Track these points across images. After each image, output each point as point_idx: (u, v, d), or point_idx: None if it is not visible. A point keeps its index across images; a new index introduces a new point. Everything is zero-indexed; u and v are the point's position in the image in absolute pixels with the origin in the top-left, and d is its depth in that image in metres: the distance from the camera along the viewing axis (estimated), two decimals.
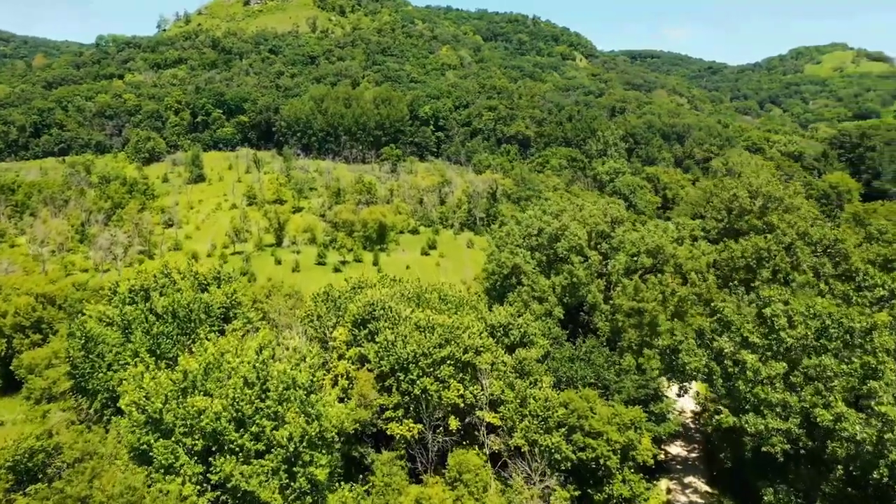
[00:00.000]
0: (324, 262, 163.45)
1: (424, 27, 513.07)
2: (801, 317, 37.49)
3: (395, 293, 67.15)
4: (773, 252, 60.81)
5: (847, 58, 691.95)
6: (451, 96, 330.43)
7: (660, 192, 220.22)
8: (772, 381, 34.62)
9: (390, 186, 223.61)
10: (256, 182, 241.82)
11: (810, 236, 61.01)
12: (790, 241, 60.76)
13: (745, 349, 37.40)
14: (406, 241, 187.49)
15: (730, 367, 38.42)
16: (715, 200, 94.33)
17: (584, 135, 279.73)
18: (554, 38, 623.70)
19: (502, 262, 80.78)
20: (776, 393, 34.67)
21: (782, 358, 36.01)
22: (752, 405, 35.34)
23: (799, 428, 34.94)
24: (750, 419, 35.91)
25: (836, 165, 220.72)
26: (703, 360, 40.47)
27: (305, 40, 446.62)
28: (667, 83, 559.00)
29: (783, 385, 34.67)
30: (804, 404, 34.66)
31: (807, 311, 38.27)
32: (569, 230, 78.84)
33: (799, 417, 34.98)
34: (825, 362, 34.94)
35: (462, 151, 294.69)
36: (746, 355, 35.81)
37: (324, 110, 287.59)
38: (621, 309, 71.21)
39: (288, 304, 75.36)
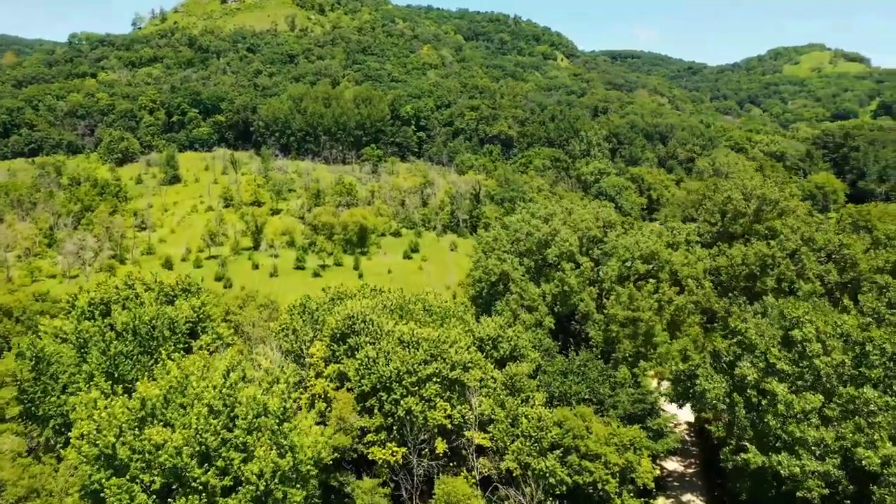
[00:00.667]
0: (303, 266, 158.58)
1: (405, 26, 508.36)
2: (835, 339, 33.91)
3: (377, 304, 62.93)
4: (778, 259, 57.49)
5: (825, 58, 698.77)
6: (432, 96, 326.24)
7: (644, 192, 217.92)
8: (806, 416, 31.06)
9: (371, 187, 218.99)
10: (233, 183, 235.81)
11: (815, 242, 57.81)
12: (794, 247, 57.54)
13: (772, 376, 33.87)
14: (388, 243, 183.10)
15: (753, 396, 34.84)
16: (708, 203, 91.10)
17: (568, 135, 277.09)
18: (535, 37, 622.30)
19: (489, 269, 76.85)
20: (812, 429, 30.99)
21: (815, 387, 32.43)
22: (785, 443, 31.64)
23: (838, 470, 31.37)
24: (784, 460, 32.04)
25: (822, 166, 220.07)
26: (723, 387, 36.85)
27: (284, 39, 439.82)
28: (648, 83, 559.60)
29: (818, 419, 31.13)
30: (844, 442, 31.09)
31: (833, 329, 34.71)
32: (559, 235, 75.13)
33: (838, 457, 31.41)
34: (867, 394, 31.34)
35: (444, 152, 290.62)
36: (775, 385, 32.24)
37: (303, 110, 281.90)
38: (615, 319, 67.58)
39: (263, 316, 70.80)
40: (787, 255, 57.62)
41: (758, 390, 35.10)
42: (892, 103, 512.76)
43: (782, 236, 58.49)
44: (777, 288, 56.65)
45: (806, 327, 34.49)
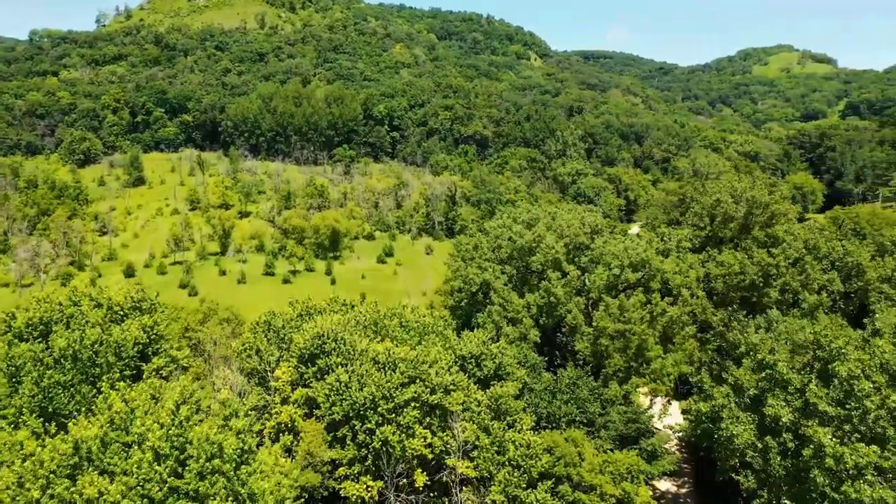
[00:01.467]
0: (272, 272, 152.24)
1: (377, 25, 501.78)
2: (878, 373, 29.74)
3: (349, 321, 57.69)
4: (782, 269, 53.63)
5: (793, 59, 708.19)
6: (405, 95, 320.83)
7: (622, 193, 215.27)
8: (860, 472, 26.93)
9: (343, 189, 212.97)
10: (200, 185, 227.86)
11: (818, 249, 54.16)
12: (797, 254, 53.83)
13: (812, 418, 29.62)
14: (361, 247, 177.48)
15: (789, 440, 30.57)
16: (696, 206, 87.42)
17: (543, 135, 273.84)
18: (508, 37, 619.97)
19: (469, 278, 72.06)
20: (867, 488, 26.72)
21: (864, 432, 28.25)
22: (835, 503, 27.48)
23: None
24: None
25: (799, 166, 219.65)
26: (752, 430, 32.55)
27: (254, 37, 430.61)
28: (621, 83, 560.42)
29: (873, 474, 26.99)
30: None
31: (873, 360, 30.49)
32: (544, 242, 70.63)
33: None
34: None
35: (418, 152, 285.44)
36: (819, 433, 27.97)
37: (272, 109, 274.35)
38: (605, 332, 63.24)
39: (225, 332, 65.09)
40: (790, 264, 53.88)
41: (794, 434, 30.84)
42: (860, 104, 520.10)
43: (785, 244, 54.67)
44: (780, 299, 52.85)
45: (850, 362, 30.24)
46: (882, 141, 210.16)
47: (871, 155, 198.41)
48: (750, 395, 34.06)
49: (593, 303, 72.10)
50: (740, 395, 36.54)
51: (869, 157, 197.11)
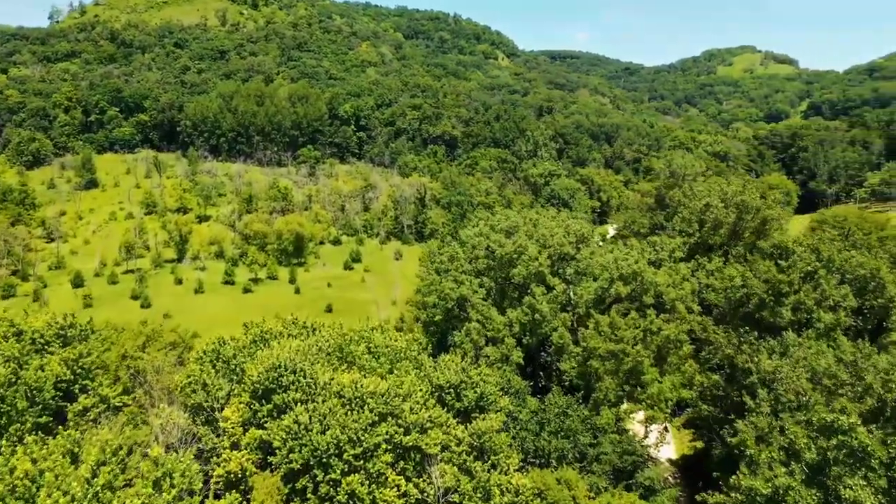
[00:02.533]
0: (232, 280, 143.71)
1: (343, 22, 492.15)
2: None
3: (310, 347, 50.73)
4: (796, 285, 48.36)
5: (756, 60, 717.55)
6: (372, 94, 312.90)
7: (594, 194, 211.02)
8: None
9: (308, 191, 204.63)
10: (157, 188, 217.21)
11: (833, 262, 49.13)
12: (811, 268, 48.72)
13: None
14: (327, 253, 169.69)
15: None
16: (684, 211, 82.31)
17: (513, 135, 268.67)
18: (476, 36, 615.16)
19: (445, 293, 65.55)
20: None
21: None
22: None
23: None
24: None
25: (773, 166, 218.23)
26: None
27: (214, 34, 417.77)
28: (588, 83, 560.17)
29: None
30: None
31: None
32: (527, 253, 64.52)
33: None
34: None
35: (386, 153, 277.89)
36: None
37: (233, 108, 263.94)
38: (596, 352, 57.40)
39: (170, 359, 57.44)
40: (801, 279, 48.73)
41: None
42: (822, 104, 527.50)
43: (795, 256, 49.45)
44: (793, 319, 47.62)
45: None
46: (852, 141, 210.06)
47: (844, 155, 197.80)
48: (811, 464, 28.43)
49: (580, 318, 66.36)
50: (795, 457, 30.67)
51: (841, 158, 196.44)
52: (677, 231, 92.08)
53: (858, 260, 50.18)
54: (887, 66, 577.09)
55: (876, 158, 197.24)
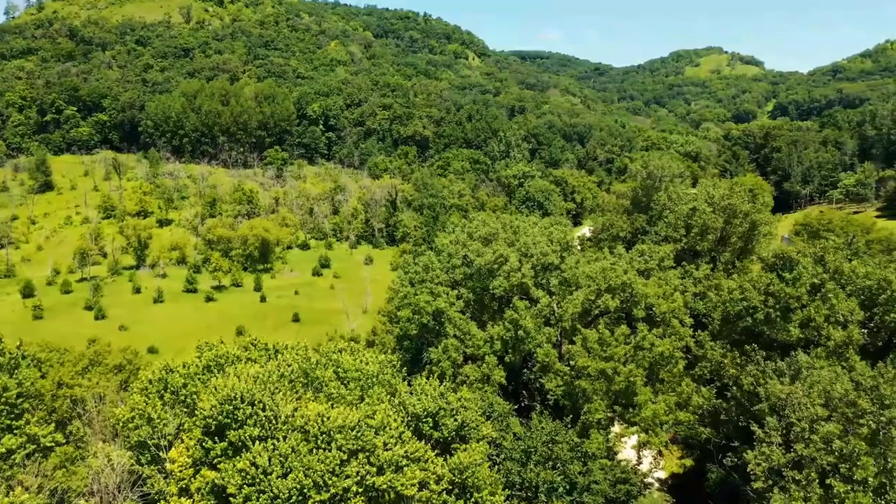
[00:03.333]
0: (194, 288, 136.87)
1: (311, 21, 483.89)
2: None
3: (272, 373, 45.40)
4: (804, 299, 44.53)
5: (723, 61, 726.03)
6: (341, 94, 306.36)
7: (569, 196, 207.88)
8: None
9: (275, 194, 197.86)
10: (116, 191, 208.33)
11: (842, 274, 45.56)
12: (817, 281, 45.03)
13: None
14: (295, 258, 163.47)
15: None
16: (670, 216, 78.55)
17: (486, 135, 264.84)
18: (446, 35, 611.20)
19: (420, 307, 60.61)
20: None
21: None
22: None
23: None
24: None
25: (747, 167, 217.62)
26: None
27: (178, 31, 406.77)
28: (559, 83, 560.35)
29: None
30: None
31: None
32: (508, 264, 59.91)
33: None
34: None
35: (356, 153, 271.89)
36: None
37: (197, 108, 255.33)
38: (585, 372, 53.04)
39: (113, 385, 51.56)
40: (808, 292, 45.00)
41: None
42: (788, 104, 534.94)
43: (801, 267, 45.73)
44: (802, 337, 43.78)
45: None
46: (825, 141, 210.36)
47: (817, 156, 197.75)
48: None
49: (565, 332, 62.04)
50: None
51: (814, 158, 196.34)
52: (662, 236, 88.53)
53: (865, 270, 46.79)
54: (850, 68, 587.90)
55: (849, 159, 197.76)
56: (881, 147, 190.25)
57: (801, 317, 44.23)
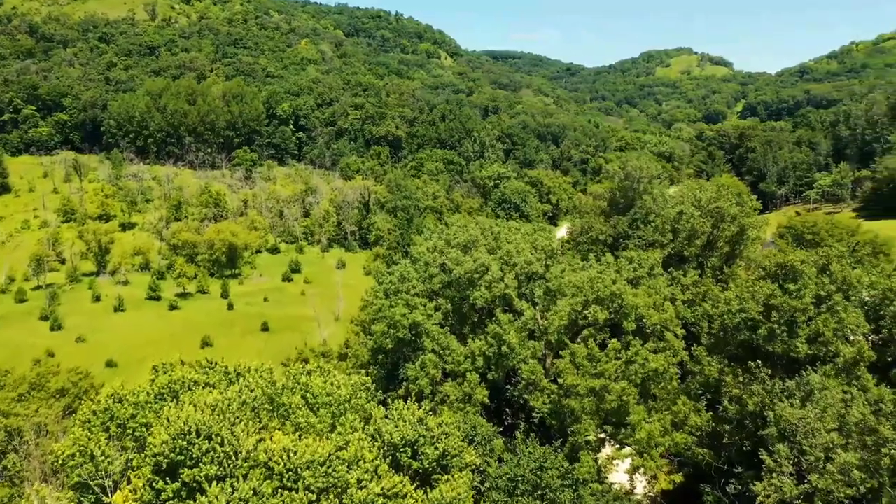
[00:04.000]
0: (157, 295, 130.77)
1: (281, 19, 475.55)
2: None
3: (233, 400, 40.91)
4: (810, 312, 41.44)
5: (693, 62, 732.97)
6: (312, 93, 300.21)
7: (544, 197, 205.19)
8: None
9: (244, 196, 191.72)
10: (77, 193, 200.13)
11: (850, 284, 42.63)
12: (823, 292, 42.05)
13: None
14: (264, 262, 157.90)
15: None
16: (656, 220, 75.51)
17: (459, 135, 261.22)
18: (418, 35, 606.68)
19: (396, 321, 56.48)
20: None
21: None
22: None
23: None
24: None
25: (723, 167, 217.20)
26: None
27: (143, 29, 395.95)
28: (532, 83, 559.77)
29: None
30: None
31: None
32: (490, 273, 56.08)
33: None
34: None
35: (327, 154, 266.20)
36: None
37: (162, 107, 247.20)
38: (574, 390, 49.44)
39: (56, 411, 46.46)
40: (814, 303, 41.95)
41: None
42: (757, 105, 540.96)
43: (806, 277, 42.68)
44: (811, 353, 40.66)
45: None
46: (798, 142, 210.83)
47: (791, 156, 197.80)
48: None
49: (550, 345, 58.42)
50: None
51: (789, 159, 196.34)
52: (646, 241, 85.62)
53: (869, 279, 44.05)
54: (816, 69, 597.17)
55: (823, 159, 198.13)
56: (855, 147, 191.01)
57: (807, 332, 41.14)
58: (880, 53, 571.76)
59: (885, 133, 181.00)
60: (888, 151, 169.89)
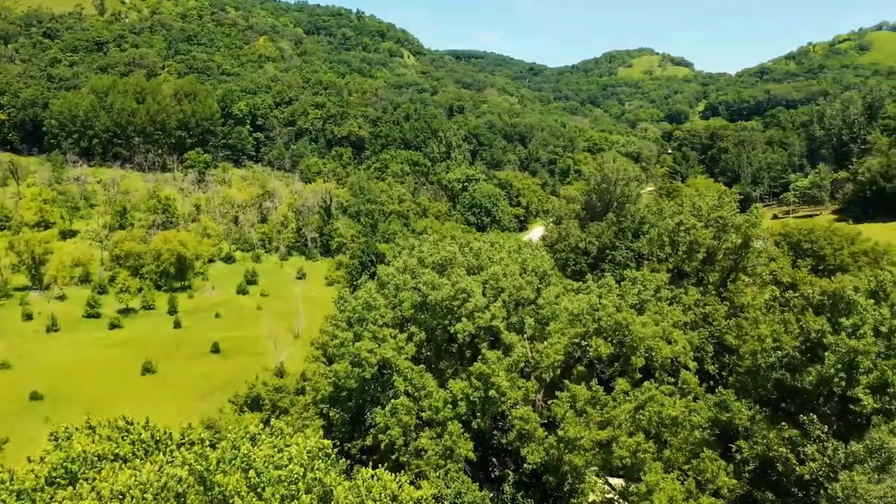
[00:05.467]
0: (97, 312, 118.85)
1: (238, 15, 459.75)
2: None
3: (149, 485, 31.59)
4: (871, 353, 33.94)
5: (654, 62, 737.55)
6: (270, 91, 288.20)
7: (514, 199, 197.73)
8: None
9: (196, 201, 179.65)
10: (12, 198, 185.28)
11: None
12: (885, 328, 34.77)
13: None
14: (217, 273, 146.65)
15: None
16: (653, 232, 68.03)
17: (425, 136, 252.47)
18: (380, 33, 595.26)
19: (361, 358, 47.49)
20: None
21: None
22: None
23: None
24: None
25: (698, 168, 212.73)
26: None
27: (91, 24, 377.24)
28: (495, 83, 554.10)
29: None
30: None
31: None
32: (472, 300, 47.44)
33: None
34: None
35: (286, 155, 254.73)
36: None
37: (109, 106, 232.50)
38: (577, 444, 41.20)
39: None
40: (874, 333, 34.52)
41: None
42: (718, 105, 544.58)
43: (861, 309, 35.28)
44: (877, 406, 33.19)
45: None
46: (770, 142, 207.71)
47: (765, 156, 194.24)
48: None
49: (542, 381, 50.15)
50: None
51: (763, 159, 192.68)
52: (635, 253, 78.03)
53: None
54: (775, 69, 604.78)
55: (798, 160, 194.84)
56: (830, 147, 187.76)
57: (869, 380, 33.65)
58: (836, 55, 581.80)
59: (862, 133, 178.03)
60: (866, 152, 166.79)
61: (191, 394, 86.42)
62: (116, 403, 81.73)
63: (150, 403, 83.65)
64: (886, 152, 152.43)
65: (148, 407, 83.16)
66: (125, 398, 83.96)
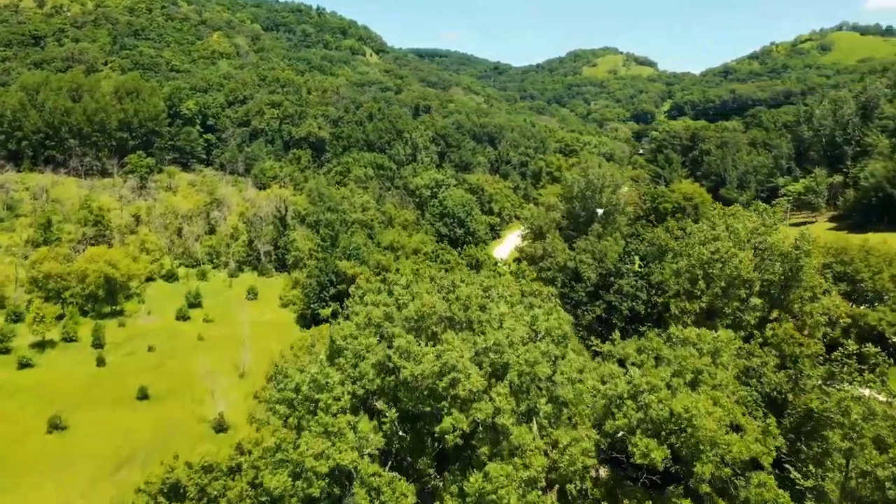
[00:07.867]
0: (6, 347, 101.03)
1: (190, 10, 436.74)
2: None
3: None
4: None
5: (619, 61, 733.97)
6: (223, 89, 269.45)
7: (486, 205, 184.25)
8: None
9: (135, 210, 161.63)
10: None
11: None
12: None
13: None
14: (157, 294, 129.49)
15: None
16: (681, 262, 54.86)
17: (389, 136, 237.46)
18: (342, 30, 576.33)
19: (307, 468, 33.12)
20: None
21: None
22: None
23: None
24: None
25: (681, 172, 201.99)
26: None
27: (28, 17, 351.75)
28: (461, 82, 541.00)
29: None
30: None
31: None
32: (464, 383, 33.36)
33: None
34: None
35: (240, 158, 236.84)
36: None
37: (40, 104, 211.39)
38: None
39: None
40: None
41: None
42: (684, 104, 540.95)
43: None
44: None
45: None
46: (753, 143, 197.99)
47: (750, 159, 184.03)
48: None
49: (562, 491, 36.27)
50: None
51: (748, 162, 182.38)
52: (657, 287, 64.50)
53: None
54: (739, 69, 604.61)
55: (786, 162, 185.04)
56: (820, 150, 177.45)
57: None
58: (799, 55, 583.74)
59: (856, 135, 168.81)
60: (863, 155, 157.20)
61: (106, 459, 70.36)
62: (7, 477, 65.47)
63: (54, 474, 67.52)
64: (890, 156, 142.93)
65: (50, 480, 66.92)
66: (21, 468, 67.63)
